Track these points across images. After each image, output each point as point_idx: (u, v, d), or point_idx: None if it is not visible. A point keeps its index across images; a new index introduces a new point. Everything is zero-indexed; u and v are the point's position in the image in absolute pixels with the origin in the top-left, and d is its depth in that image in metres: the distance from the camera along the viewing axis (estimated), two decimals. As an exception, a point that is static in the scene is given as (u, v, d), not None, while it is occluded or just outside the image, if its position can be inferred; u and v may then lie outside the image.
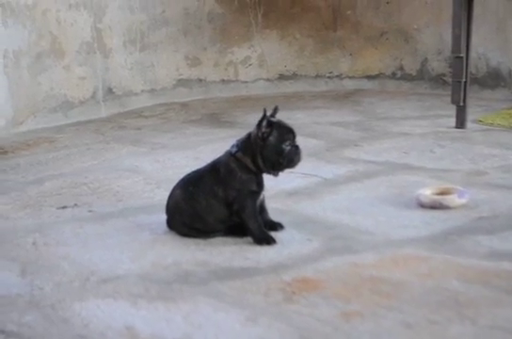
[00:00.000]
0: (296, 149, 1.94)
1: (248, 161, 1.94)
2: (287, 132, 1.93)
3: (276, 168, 1.95)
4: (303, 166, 2.48)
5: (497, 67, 4.05)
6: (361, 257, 1.81)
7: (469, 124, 3.33)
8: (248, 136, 1.96)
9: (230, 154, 1.97)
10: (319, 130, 3.32)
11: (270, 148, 1.91)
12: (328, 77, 4.56)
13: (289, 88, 4.53)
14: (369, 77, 4.49)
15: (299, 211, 2.21)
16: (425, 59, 4.31)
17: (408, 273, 1.69)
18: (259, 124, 1.91)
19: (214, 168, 1.99)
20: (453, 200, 2.17)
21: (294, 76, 4.57)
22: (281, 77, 4.56)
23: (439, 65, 4.23)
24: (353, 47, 4.52)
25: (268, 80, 4.55)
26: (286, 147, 1.92)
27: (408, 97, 4.15)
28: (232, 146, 1.98)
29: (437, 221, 2.06)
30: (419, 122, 3.45)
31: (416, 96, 4.16)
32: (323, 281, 1.67)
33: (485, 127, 3.31)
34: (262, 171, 1.96)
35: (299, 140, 1.95)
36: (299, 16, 4.54)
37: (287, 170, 1.98)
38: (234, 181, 1.94)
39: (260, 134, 1.91)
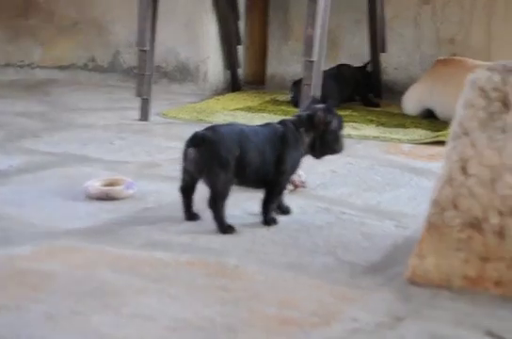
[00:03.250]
0: (342, 138, 2.06)
1: (306, 140, 2.00)
2: (341, 121, 2.04)
3: (326, 152, 2.05)
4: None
5: (185, 62, 4.16)
6: (18, 249, 1.78)
7: (153, 117, 3.39)
8: (310, 117, 1.99)
9: (294, 126, 1.99)
10: (1, 120, 3.23)
11: (331, 134, 2.01)
12: (19, 66, 4.45)
13: (-23, 75, 4.37)
14: (61, 68, 4.43)
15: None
16: (117, 51, 4.33)
17: (61, 264, 1.69)
18: (327, 110, 2.00)
19: (275, 130, 1.99)
20: (120, 191, 2.20)
21: (-18, 64, 4.41)
22: (-32, 65, 4.38)
23: (130, 58, 4.26)
24: (45, 36, 4.44)
25: (-47, 67, 4.35)
26: (341, 135, 2.04)
27: (98, 89, 4.15)
28: (287, 121, 2.01)
29: (102, 212, 2.08)
30: (105, 114, 3.47)
31: (107, 88, 4.17)
32: (-29, 274, 1.62)
33: (167, 120, 3.39)
34: (307, 154, 2.04)
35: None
36: (-10, 2, 4.39)
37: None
38: (294, 153, 1.99)
39: (326, 119, 1.99)
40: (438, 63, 3.62)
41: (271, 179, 1.99)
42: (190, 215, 2.02)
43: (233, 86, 4.23)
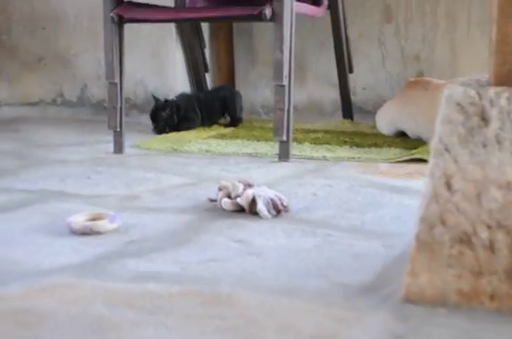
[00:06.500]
0: None
1: None
2: None
3: None
4: None
5: (154, 92, 4.16)
6: (7, 289, 1.76)
7: (127, 149, 3.39)
8: None
9: None
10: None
11: None
12: (-13, 105, 4.43)
13: None
14: (30, 104, 4.42)
15: None
16: (85, 85, 4.33)
17: (54, 302, 1.67)
18: None
19: None
20: (103, 225, 2.19)
21: (-50, 104, 4.38)
22: None
23: (99, 91, 4.27)
24: (10, 73, 4.43)
25: None
26: None
27: (69, 124, 4.14)
28: None
29: (88, 247, 2.07)
30: (78, 149, 3.46)
31: (77, 123, 4.17)
32: (-36, 317, 1.60)
33: (142, 152, 3.39)
34: None
35: None
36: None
37: None
38: None
39: None
40: (407, 85, 3.65)
41: None
42: None
43: (204, 113, 4.23)
